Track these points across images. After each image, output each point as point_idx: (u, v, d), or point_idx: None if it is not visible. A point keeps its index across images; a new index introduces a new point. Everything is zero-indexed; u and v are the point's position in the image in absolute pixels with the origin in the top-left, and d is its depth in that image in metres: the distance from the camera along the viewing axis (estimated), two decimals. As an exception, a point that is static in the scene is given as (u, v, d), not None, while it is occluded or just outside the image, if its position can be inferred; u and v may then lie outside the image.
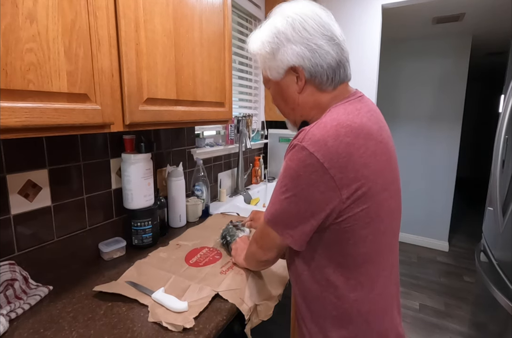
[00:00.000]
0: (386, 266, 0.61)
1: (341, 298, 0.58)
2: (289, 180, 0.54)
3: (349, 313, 0.59)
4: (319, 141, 0.51)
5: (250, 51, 0.66)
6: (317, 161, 0.50)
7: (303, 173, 0.52)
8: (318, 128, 0.53)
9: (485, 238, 1.53)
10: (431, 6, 2.05)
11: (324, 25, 0.57)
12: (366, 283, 0.58)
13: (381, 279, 0.60)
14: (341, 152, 0.51)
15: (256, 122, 2.01)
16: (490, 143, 5.39)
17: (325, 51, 0.57)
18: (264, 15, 1.92)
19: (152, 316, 0.66)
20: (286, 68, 0.60)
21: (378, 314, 0.60)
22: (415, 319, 2.01)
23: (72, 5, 0.56)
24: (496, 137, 1.35)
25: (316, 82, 0.60)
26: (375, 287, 0.59)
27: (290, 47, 0.57)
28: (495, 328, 1.26)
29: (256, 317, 0.74)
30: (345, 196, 0.52)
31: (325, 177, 0.51)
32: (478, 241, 1.67)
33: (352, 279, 0.58)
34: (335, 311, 0.60)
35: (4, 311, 0.65)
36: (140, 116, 0.74)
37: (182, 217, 1.22)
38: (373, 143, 0.54)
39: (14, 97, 0.49)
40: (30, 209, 0.80)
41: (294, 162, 0.53)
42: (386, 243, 0.60)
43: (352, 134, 0.52)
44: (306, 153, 0.51)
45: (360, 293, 0.58)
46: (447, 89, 2.85)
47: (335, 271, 0.58)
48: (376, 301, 0.60)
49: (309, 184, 0.52)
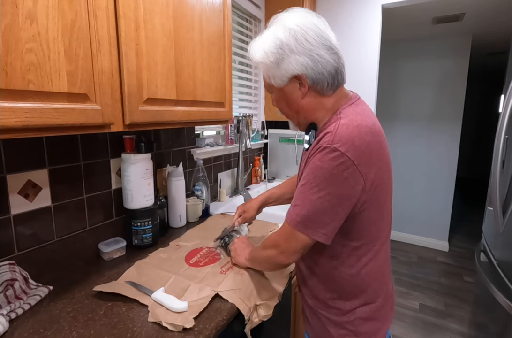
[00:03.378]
0: (384, 240, 0.71)
1: (354, 275, 0.68)
2: (321, 180, 0.59)
3: (362, 285, 0.69)
4: (348, 142, 0.57)
5: (253, 60, 0.69)
6: (348, 159, 0.57)
7: (336, 171, 0.57)
8: (342, 130, 0.59)
9: (485, 238, 1.53)
10: (431, 6, 2.05)
11: (323, 36, 0.62)
12: (374, 259, 0.68)
13: (381, 253, 0.70)
14: (364, 150, 0.58)
15: (256, 122, 2.01)
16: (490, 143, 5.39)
17: (325, 61, 0.62)
18: (264, 15, 1.92)
19: (152, 316, 0.67)
20: (290, 76, 0.64)
21: (381, 282, 0.72)
22: (415, 319, 2.01)
23: (72, 5, 0.56)
24: (496, 137, 1.35)
25: (318, 88, 0.65)
26: (378, 260, 0.69)
27: (294, 58, 0.62)
28: (495, 328, 1.26)
29: (256, 317, 0.74)
30: (368, 188, 0.60)
31: (355, 173, 0.58)
32: (478, 241, 1.67)
33: (363, 257, 0.67)
34: (348, 287, 0.69)
35: (4, 311, 0.65)
36: (140, 116, 0.74)
37: (182, 217, 1.22)
38: (382, 139, 0.64)
39: (14, 97, 0.49)
40: (30, 209, 0.80)
41: (327, 163, 0.58)
42: (385, 221, 0.70)
43: (370, 133, 0.60)
44: (338, 153, 0.57)
45: (369, 267, 0.68)
46: (447, 89, 2.85)
47: (350, 253, 0.67)
48: (379, 272, 0.71)
49: (342, 181, 0.58)
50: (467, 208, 4.32)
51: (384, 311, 0.73)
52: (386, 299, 0.73)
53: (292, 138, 1.94)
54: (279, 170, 2.05)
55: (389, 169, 0.67)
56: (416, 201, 3.09)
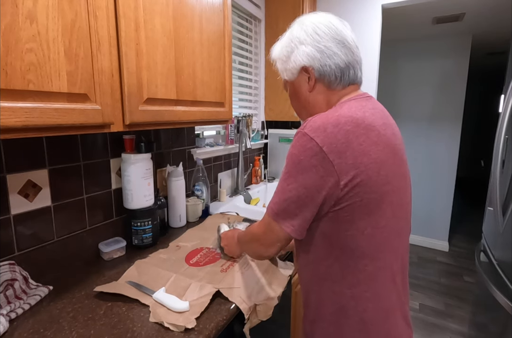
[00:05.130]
0: (386, 266, 0.60)
1: (338, 293, 0.59)
2: (291, 166, 0.56)
3: (346, 310, 0.59)
4: (319, 127, 0.54)
5: (271, 57, 0.72)
6: (316, 145, 0.53)
7: (304, 157, 0.54)
8: (320, 117, 0.56)
9: (485, 238, 1.53)
10: (431, 6, 2.05)
11: (335, 30, 0.63)
12: (364, 281, 0.58)
13: (380, 279, 0.59)
14: (340, 138, 0.53)
15: (256, 122, 2.01)
16: (490, 143, 5.39)
17: (333, 52, 0.62)
18: (264, 15, 1.92)
19: (154, 316, 0.66)
20: (298, 68, 0.65)
21: (375, 315, 0.59)
22: (415, 319, 2.01)
23: (72, 5, 0.56)
24: (496, 137, 1.35)
25: (325, 81, 0.64)
26: (372, 287, 0.58)
27: (302, 49, 0.63)
28: (495, 328, 1.26)
29: (256, 317, 0.74)
30: (343, 182, 0.53)
31: (324, 161, 0.53)
32: (478, 241, 1.67)
33: (350, 275, 0.58)
34: (331, 307, 0.61)
35: (4, 311, 0.65)
36: (140, 116, 0.74)
37: (182, 217, 1.22)
38: (374, 134, 0.56)
39: (14, 97, 0.49)
40: (30, 209, 0.80)
41: (296, 148, 0.56)
42: (387, 240, 0.59)
43: (352, 123, 0.54)
44: (307, 138, 0.54)
45: (356, 290, 0.58)
46: (447, 89, 2.85)
47: (333, 264, 0.59)
48: (374, 302, 0.59)
49: (309, 168, 0.54)
50: (467, 208, 4.32)
51: None
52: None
53: (292, 138, 1.94)
54: (279, 170, 2.05)
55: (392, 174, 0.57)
56: (416, 201, 3.09)
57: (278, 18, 1.87)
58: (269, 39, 1.93)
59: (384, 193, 0.56)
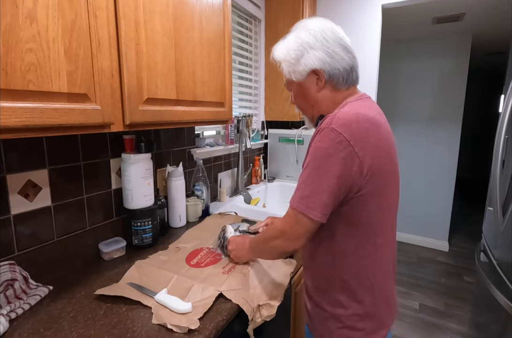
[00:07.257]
0: (387, 239, 0.72)
1: (352, 264, 0.69)
2: (320, 159, 0.62)
3: (359, 276, 0.69)
4: (345, 124, 0.61)
5: (276, 59, 0.76)
6: (345, 139, 0.60)
7: (333, 150, 0.60)
8: (342, 114, 0.63)
9: (485, 238, 1.53)
10: (431, 6, 2.05)
11: (340, 38, 0.71)
12: (373, 252, 0.69)
13: (384, 250, 0.71)
14: (361, 134, 0.61)
15: (256, 122, 2.01)
16: (490, 143, 5.39)
17: (341, 57, 0.69)
18: (264, 15, 1.92)
19: (156, 318, 0.66)
20: (309, 70, 0.71)
21: (380, 280, 0.72)
22: (415, 319, 2.01)
23: (72, 5, 0.56)
24: (496, 137, 1.35)
25: (333, 82, 0.72)
26: (379, 256, 0.70)
27: (313, 54, 0.69)
28: (495, 328, 1.26)
29: (259, 317, 0.73)
30: (365, 172, 0.62)
31: (351, 153, 0.60)
32: (478, 241, 1.67)
33: (361, 248, 0.68)
34: (346, 275, 0.70)
35: (4, 311, 0.65)
36: (140, 116, 0.74)
37: (182, 217, 1.22)
38: (383, 131, 0.66)
39: (14, 97, 0.49)
40: (30, 209, 0.80)
41: (325, 142, 0.61)
42: (389, 217, 0.71)
43: (368, 121, 0.63)
44: (336, 133, 0.60)
45: (368, 260, 0.69)
46: (447, 89, 2.85)
47: (348, 241, 0.68)
48: (380, 269, 0.71)
49: (339, 160, 0.60)
50: (467, 208, 4.32)
51: (382, 312, 0.72)
52: (385, 300, 0.73)
53: (292, 138, 1.94)
54: (279, 170, 2.05)
55: (393, 164, 0.68)
56: (416, 200, 3.09)
57: (278, 18, 1.87)
58: (269, 39, 1.93)
59: (390, 179, 0.68)
